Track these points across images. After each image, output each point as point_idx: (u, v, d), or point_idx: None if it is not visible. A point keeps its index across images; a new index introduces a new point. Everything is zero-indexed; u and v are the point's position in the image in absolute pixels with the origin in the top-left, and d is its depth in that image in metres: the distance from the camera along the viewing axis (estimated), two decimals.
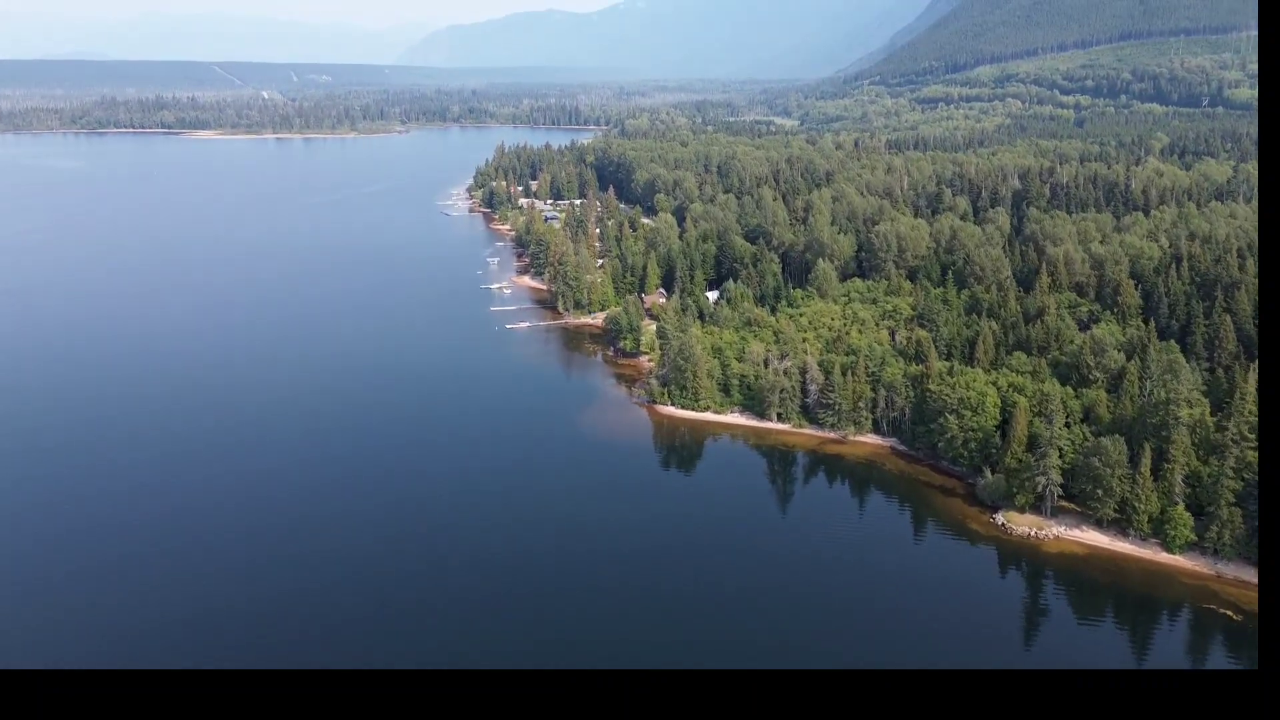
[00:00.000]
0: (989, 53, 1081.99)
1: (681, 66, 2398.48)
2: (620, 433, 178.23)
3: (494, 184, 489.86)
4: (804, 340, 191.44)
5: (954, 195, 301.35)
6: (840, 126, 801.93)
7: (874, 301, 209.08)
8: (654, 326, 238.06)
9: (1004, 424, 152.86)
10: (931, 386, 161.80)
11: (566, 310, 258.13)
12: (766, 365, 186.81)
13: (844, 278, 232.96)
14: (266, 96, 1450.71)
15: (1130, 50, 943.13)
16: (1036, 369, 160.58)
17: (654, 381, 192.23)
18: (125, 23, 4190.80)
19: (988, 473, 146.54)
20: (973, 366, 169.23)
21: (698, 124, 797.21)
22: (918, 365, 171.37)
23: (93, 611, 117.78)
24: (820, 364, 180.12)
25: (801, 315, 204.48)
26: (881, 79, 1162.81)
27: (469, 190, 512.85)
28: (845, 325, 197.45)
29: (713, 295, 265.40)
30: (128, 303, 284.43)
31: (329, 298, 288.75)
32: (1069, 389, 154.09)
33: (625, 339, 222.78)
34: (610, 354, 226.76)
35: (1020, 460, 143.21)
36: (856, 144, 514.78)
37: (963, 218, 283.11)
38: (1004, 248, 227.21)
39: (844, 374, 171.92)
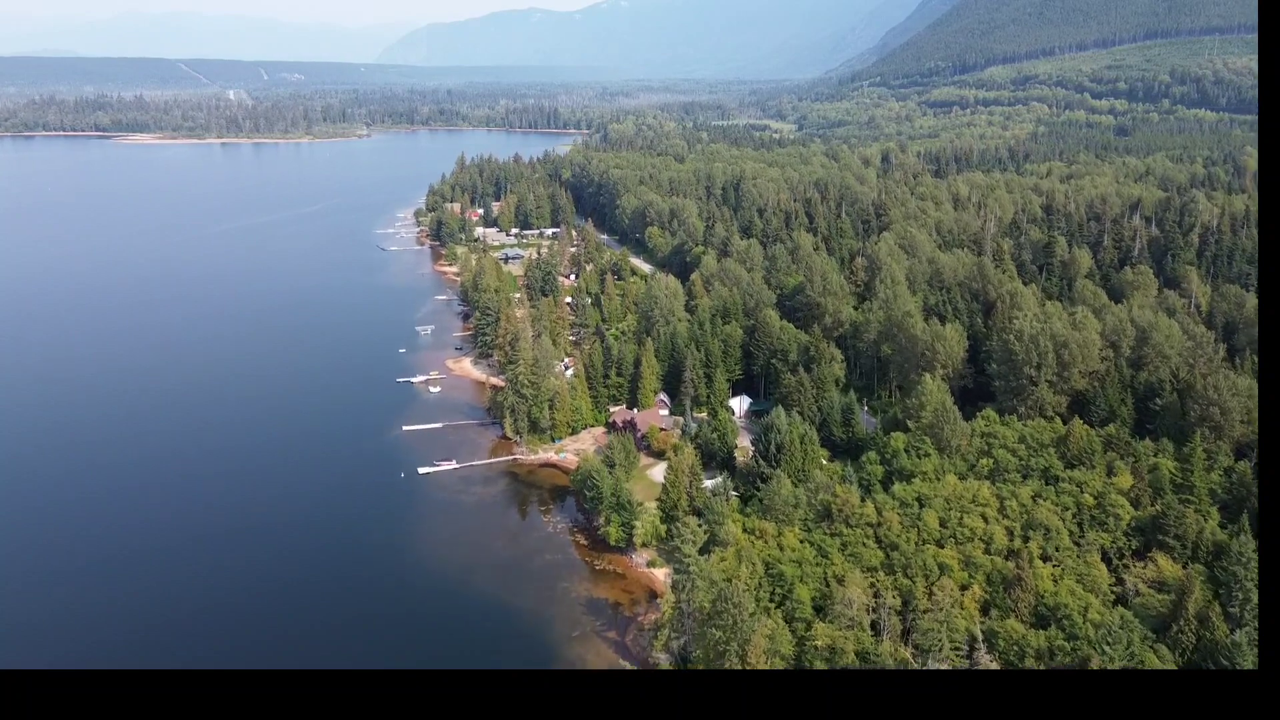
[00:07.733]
0: (1000, 52, 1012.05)
1: (666, 66, 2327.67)
2: None
3: (447, 207, 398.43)
4: (938, 568, 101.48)
5: (1071, 246, 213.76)
6: (846, 132, 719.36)
7: (1046, 477, 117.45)
8: (656, 471, 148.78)
9: None
10: None
11: (518, 435, 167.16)
12: (877, 631, 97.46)
13: (954, 394, 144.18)
14: (232, 96, 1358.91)
15: (1159, 50, 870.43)
16: None
17: (662, 656, 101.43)
18: (102, 21, 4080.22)
19: None
20: None
21: (689, 129, 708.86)
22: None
23: None
24: (991, 640, 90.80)
25: (926, 506, 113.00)
26: (882, 80, 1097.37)
27: (418, 214, 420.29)
28: (1014, 532, 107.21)
29: (738, 405, 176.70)
30: None
31: (163, 403, 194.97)
32: None
33: (608, 521, 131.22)
34: (583, 540, 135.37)
35: None
36: (885, 159, 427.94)
37: (1087, 276, 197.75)
38: (1225, 358, 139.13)
39: None
